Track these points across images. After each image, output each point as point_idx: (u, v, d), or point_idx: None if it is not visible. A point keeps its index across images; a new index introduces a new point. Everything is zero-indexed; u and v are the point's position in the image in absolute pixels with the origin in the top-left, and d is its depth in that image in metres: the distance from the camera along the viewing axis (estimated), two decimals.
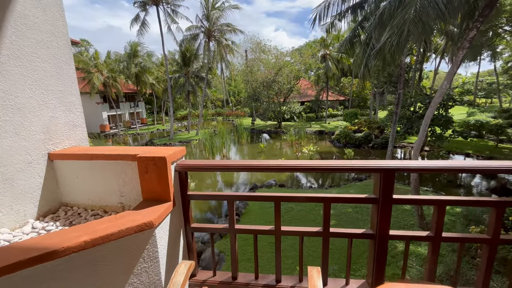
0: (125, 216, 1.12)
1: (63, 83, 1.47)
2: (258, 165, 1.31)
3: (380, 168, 1.21)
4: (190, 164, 1.36)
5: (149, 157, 1.23)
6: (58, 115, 1.44)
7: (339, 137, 19.05)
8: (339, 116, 33.96)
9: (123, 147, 1.46)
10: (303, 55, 29.22)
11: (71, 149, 1.47)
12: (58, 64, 1.44)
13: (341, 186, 10.31)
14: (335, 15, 10.51)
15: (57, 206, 1.47)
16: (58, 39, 1.44)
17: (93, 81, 26.44)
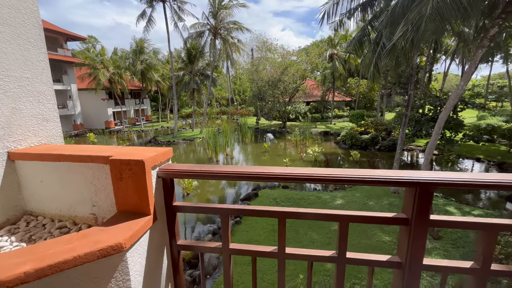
0: (88, 235, 0.89)
1: (30, 69, 1.24)
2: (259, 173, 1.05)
3: (414, 182, 0.94)
4: (177, 169, 1.11)
5: (123, 160, 0.99)
6: (22, 107, 1.21)
7: (344, 138, 18.67)
8: (345, 117, 33.48)
9: (97, 147, 1.23)
10: (310, 55, 28.82)
11: (38, 147, 1.24)
12: (24, 46, 1.21)
13: (346, 189, 10.00)
14: (344, 13, 10.19)
15: (18, 215, 1.25)
16: (25, 16, 1.20)
17: (99, 77, 26.48)
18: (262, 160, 16.06)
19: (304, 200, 8.56)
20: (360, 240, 6.18)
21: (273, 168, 1.08)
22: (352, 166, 14.00)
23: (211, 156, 16.45)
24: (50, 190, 1.22)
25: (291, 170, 1.06)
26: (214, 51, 24.61)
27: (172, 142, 21.66)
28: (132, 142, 24.54)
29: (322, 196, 8.91)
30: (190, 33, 23.94)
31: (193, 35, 23.92)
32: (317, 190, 10.39)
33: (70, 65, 28.02)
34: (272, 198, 8.97)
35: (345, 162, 14.96)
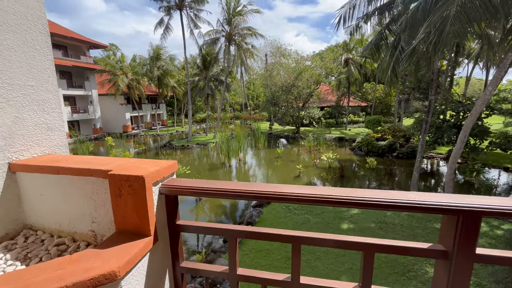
0: (81, 260, 0.80)
1: (35, 76, 1.20)
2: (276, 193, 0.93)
3: (456, 209, 0.79)
4: (181, 185, 1.01)
5: (123, 175, 0.91)
6: (26, 116, 1.17)
7: (360, 144, 18.14)
8: (360, 122, 32.69)
9: (99, 159, 1.16)
10: (324, 60, 28.53)
11: (39, 158, 1.19)
12: (29, 53, 1.17)
13: None
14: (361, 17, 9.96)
15: (18, 229, 1.19)
16: (31, 23, 1.17)
17: (118, 83, 27.48)
18: (274, 166, 15.87)
19: (317, 210, 8.29)
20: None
21: (282, 187, 0.96)
22: (368, 173, 13.52)
23: (223, 161, 16.46)
24: (50, 204, 1.16)
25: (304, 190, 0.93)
26: (228, 57, 24.90)
27: (186, 147, 21.94)
28: (148, 146, 25.09)
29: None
30: (205, 40, 24.39)
31: (207, 42, 24.34)
32: None
33: (91, 71, 29.28)
34: (285, 205, 8.76)
35: (361, 169, 14.49)
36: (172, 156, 17.18)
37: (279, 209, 8.53)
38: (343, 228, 6.97)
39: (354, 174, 13.88)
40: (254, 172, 15.02)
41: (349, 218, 7.57)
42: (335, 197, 0.89)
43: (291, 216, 7.89)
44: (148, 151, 22.27)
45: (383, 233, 6.68)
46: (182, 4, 22.55)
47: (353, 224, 7.19)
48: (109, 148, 21.43)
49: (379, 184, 11.82)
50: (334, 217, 7.67)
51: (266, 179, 13.68)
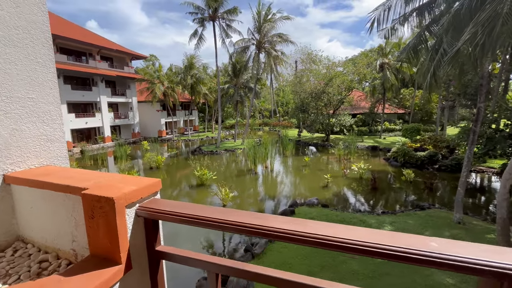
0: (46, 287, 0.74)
1: (36, 89, 1.22)
2: (261, 228, 0.78)
3: (499, 272, 0.56)
4: (162, 210, 0.91)
5: (94, 196, 0.84)
6: (24, 127, 1.18)
7: (396, 154, 16.86)
8: (396, 131, 30.55)
9: (88, 173, 1.12)
10: (357, 65, 27.39)
11: (34, 170, 1.19)
12: (31, 66, 1.20)
13: (397, 214, 8.80)
14: (397, 18, 9.33)
15: (10, 241, 1.20)
16: (34, 36, 1.20)
17: (155, 91, 29.34)
18: (302, 174, 15.43)
19: (346, 223, 7.75)
20: None
21: (268, 219, 0.81)
22: (404, 187, 12.43)
23: (250, 168, 16.45)
24: (38, 218, 1.15)
25: (293, 226, 0.76)
26: (257, 65, 25.18)
27: (214, 152, 22.46)
28: (179, 150, 26.20)
29: (366, 220, 7.98)
30: (235, 48, 25.01)
31: (238, 50, 24.91)
32: (361, 211, 9.40)
33: (132, 80, 31.73)
34: (310, 217, 8.37)
35: (396, 181, 13.40)
36: (200, 161, 17.65)
37: None
38: None
39: (388, 186, 12.88)
40: (280, 180, 14.74)
41: None
42: (328, 239, 0.71)
43: None
44: (180, 155, 23.21)
45: None
46: (215, 15, 23.46)
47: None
48: (144, 152, 22.79)
49: (418, 199, 10.77)
50: None
51: (292, 188, 13.32)
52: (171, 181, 15.25)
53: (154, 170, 17.06)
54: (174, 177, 16.14)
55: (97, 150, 25.11)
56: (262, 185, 13.82)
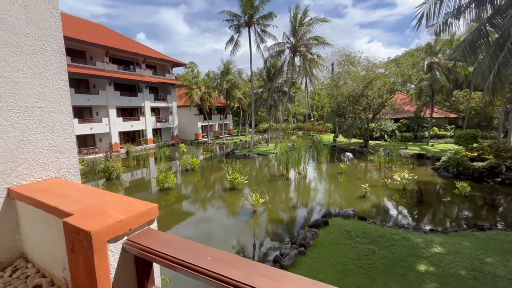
0: None
1: (46, 98, 1.17)
2: None
3: None
4: (155, 250, 0.73)
5: (73, 226, 0.72)
6: (32, 139, 1.14)
7: (447, 164, 15.02)
8: (447, 137, 27.46)
9: (83, 190, 1.02)
10: (401, 66, 25.34)
11: (37, 185, 1.13)
12: (40, 74, 1.15)
13: (449, 233, 7.70)
14: (450, 12, 8.30)
15: (13, 258, 1.15)
16: (45, 43, 1.16)
17: (193, 96, 30.77)
18: (336, 182, 14.60)
19: (386, 240, 7.01)
20: None
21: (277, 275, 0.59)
22: (458, 202, 10.94)
23: (282, 173, 16.11)
24: (36, 237, 1.09)
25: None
26: (292, 68, 24.80)
27: (247, 156, 22.58)
28: (214, 153, 26.93)
29: (411, 238, 7.11)
30: (270, 53, 25.02)
31: (272, 54, 24.87)
32: (405, 227, 8.45)
33: (173, 86, 33.78)
34: (345, 230, 7.77)
35: (447, 195, 11.88)
36: (232, 165, 17.84)
37: (338, 233, 7.61)
38: (420, 270, 5.63)
39: (438, 200, 11.48)
40: (313, 187, 14.12)
41: (429, 257, 6.10)
42: None
43: (351, 244, 6.90)
44: (214, 158, 23.83)
45: (478, 286, 5.08)
46: (251, 21, 23.79)
47: (435, 267, 5.74)
48: (181, 154, 23.90)
49: (475, 218, 9.36)
50: (408, 253, 6.32)
51: (326, 196, 12.65)
52: (205, 183, 15.64)
53: (189, 172, 17.71)
54: (208, 179, 16.53)
55: (140, 151, 27.08)
56: (294, 192, 13.38)
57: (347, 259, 6.16)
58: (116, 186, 14.95)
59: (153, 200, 12.11)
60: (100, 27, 31.22)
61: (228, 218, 10.22)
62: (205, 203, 12.06)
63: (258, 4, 22.88)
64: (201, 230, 9.31)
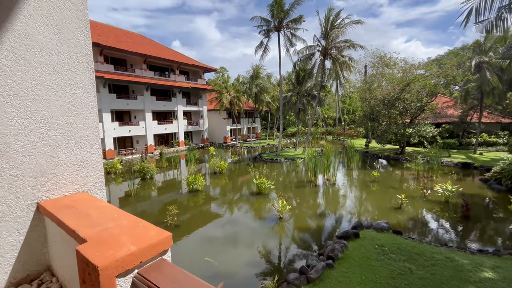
0: None
1: (74, 114, 1.21)
2: None
3: None
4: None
5: (83, 257, 0.69)
6: (61, 154, 1.18)
7: (500, 176, 13.36)
8: (499, 145, 24.55)
9: (103, 210, 1.01)
10: (444, 66, 23.32)
11: (63, 200, 1.16)
12: (70, 92, 1.19)
13: (502, 256, 6.77)
14: (505, 6, 7.38)
15: (41, 271, 1.19)
16: (75, 61, 1.20)
17: (223, 100, 31.58)
18: (369, 191, 13.78)
19: (425, 259, 6.37)
20: None
21: None
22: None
23: (310, 179, 15.68)
24: (60, 253, 1.11)
25: None
26: (322, 72, 24.20)
27: (274, 160, 22.43)
28: (242, 156, 27.22)
29: (455, 258, 6.38)
30: (299, 57, 24.71)
31: (302, 58, 24.54)
32: (448, 245, 7.64)
33: (204, 91, 35.03)
34: (378, 244, 7.24)
35: (500, 211, 10.53)
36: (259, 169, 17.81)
37: (369, 247, 7.12)
38: None
39: (488, 216, 10.23)
40: (343, 195, 13.49)
41: (477, 283, 5.41)
42: None
43: (385, 260, 6.39)
44: (242, 161, 24.07)
45: None
46: (280, 25, 23.78)
47: None
48: (210, 157, 24.55)
49: None
50: (452, 276, 5.67)
51: (357, 205, 11.99)
52: (232, 186, 15.83)
53: (218, 174, 18.07)
54: (235, 183, 16.71)
55: (172, 153, 28.40)
56: (322, 199, 12.90)
57: (379, 277, 5.71)
58: (150, 186, 15.78)
59: (182, 201, 12.54)
60: (140, 36, 33.59)
61: (254, 222, 10.17)
62: (232, 206, 12.17)
63: (289, 8, 22.80)
64: (228, 232, 9.38)
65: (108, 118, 24.28)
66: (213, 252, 7.80)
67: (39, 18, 1.06)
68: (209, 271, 6.88)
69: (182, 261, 7.43)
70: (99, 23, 28.74)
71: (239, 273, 6.85)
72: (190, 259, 7.52)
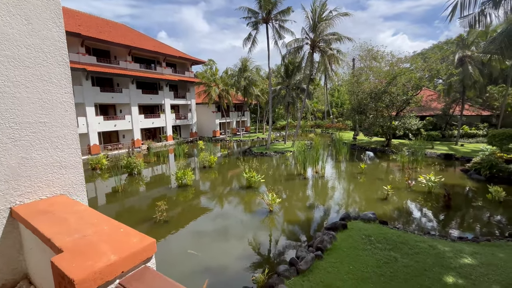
0: None
1: (49, 112, 1.12)
2: None
3: None
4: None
5: (59, 270, 0.64)
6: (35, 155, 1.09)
7: (479, 166, 13.98)
8: (479, 136, 25.62)
9: (82, 215, 0.96)
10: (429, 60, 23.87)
11: (39, 204, 1.08)
12: (43, 88, 1.10)
13: (480, 242, 7.13)
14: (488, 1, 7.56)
15: (17, 279, 1.11)
16: (47, 55, 1.10)
17: (211, 93, 31.10)
18: (356, 183, 14.10)
19: (410, 247, 6.63)
20: None
21: None
22: (491, 208, 10.13)
23: (299, 172, 15.85)
24: (36, 261, 1.04)
25: None
26: (311, 65, 24.20)
27: (264, 154, 22.48)
28: (231, 150, 27.11)
29: (438, 246, 6.66)
30: (288, 49, 24.56)
31: (291, 51, 24.40)
32: (431, 233, 7.96)
33: (192, 84, 34.34)
34: (365, 234, 7.45)
35: (479, 200, 11.05)
36: (249, 163, 17.81)
37: (357, 237, 7.31)
38: (447, 282, 5.24)
39: (468, 205, 10.71)
40: (332, 187, 13.74)
41: (457, 268, 5.68)
42: None
43: (371, 249, 6.59)
44: (231, 155, 23.98)
45: None
46: (269, 17, 23.47)
47: (464, 279, 5.32)
48: (199, 151, 24.30)
49: (511, 226, 8.61)
50: (434, 263, 5.92)
51: (345, 197, 12.26)
52: (222, 181, 15.78)
53: (207, 169, 17.95)
54: (225, 177, 16.66)
55: (160, 148, 27.90)
56: (312, 191, 13.10)
57: (366, 266, 5.89)
58: (137, 182, 15.49)
59: (171, 196, 12.40)
60: (123, 27, 32.32)
61: (245, 216, 10.21)
62: (222, 200, 12.15)
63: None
64: (218, 226, 9.38)
65: (92, 112, 23.45)
66: (203, 247, 7.79)
67: (4, 7, 0.96)
68: (199, 265, 6.88)
69: (172, 257, 7.39)
70: (79, 12, 27.38)
71: (229, 266, 6.88)
72: (180, 255, 7.49)
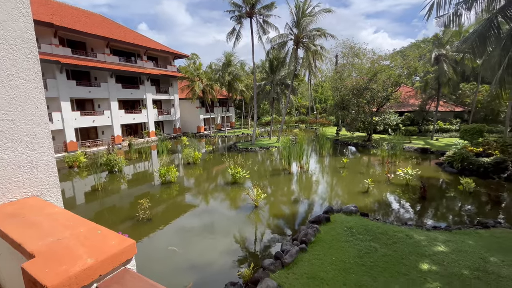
0: None
1: (17, 109, 1.04)
2: None
3: None
4: None
5: (31, 276, 0.61)
6: (2, 155, 1.01)
7: (451, 159, 14.82)
8: (453, 131, 27.11)
9: (57, 217, 0.91)
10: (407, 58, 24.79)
11: (7, 207, 1.01)
12: (9, 83, 1.02)
13: (452, 231, 7.61)
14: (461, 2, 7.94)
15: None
16: (13, 47, 1.02)
17: (195, 88, 30.49)
18: (339, 177, 14.50)
19: (388, 237, 6.95)
20: None
21: None
22: (462, 198, 10.81)
23: (284, 167, 16.04)
24: (7, 267, 0.99)
25: None
26: (295, 60, 24.35)
27: (249, 149, 22.49)
28: (216, 146, 26.87)
29: (414, 236, 7.04)
30: (272, 45, 24.53)
31: (275, 46, 24.39)
32: (408, 224, 8.38)
33: (175, 78, 33.47)
34: (347, 226, 7.71)
35: (451, 191, 11.74)
36: (234, 159, 17.76)
37: (340, 230, 7.55)
38: (422, 269, 5.56)
39: (441, 196, 11.35)
40: (315, 181, 14.05)
41: (431, 256, 6.03)
42: None
43: (353, 241, 6.84)
44: (216, 151, 23.78)
45: (481, 286, 5.01)
46: (252, 11, 23.24)
47: (437, 265, 5.67)
48: (183, 147, 23.88)
49: (479, 215, 9.24)
50: (411, 251, 6.25)
51: (328, 191, 12.58)
52: (206, 177, 15.64)
53: (191, 165, 17.70)
54: (210, 173, 16.53)
55: (142, 144, 27.12)
56: (296, 186, 13.32)
57: (348, 256, 6.11)
58: (118, 179, 15.01)
59: (155, 194, 12.13)
60: (101, 17, 30.75)
61: (230, 211, 10.22)
62: (207, 196, 12.06)
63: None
64: (203, 222, 9.32)
65: (68, 107, 22.29)
66: (188, 244, 7.72)
67: None
68: (185, 262, 6.83)
69: (156, 255, 7.27)
70: (52, 1, 25.70)
71: (215, 262, 6.88)
72: (163, 252, 7.38)
